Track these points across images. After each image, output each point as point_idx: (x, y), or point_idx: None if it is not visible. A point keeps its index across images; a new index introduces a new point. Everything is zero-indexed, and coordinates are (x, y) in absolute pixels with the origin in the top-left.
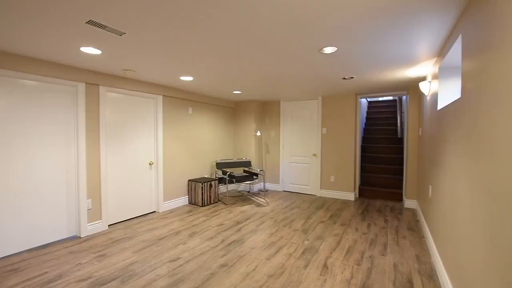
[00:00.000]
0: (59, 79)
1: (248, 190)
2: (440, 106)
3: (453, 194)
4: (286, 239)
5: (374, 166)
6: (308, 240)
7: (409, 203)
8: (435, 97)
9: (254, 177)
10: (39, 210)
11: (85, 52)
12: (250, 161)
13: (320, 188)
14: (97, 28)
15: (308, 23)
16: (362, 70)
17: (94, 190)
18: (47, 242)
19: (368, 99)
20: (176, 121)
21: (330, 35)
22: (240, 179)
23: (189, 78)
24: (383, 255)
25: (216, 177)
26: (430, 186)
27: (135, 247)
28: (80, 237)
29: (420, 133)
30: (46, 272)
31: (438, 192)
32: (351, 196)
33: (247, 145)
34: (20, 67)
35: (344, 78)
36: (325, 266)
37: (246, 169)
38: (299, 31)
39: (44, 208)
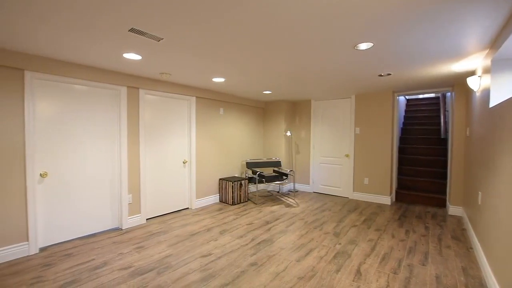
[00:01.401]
0: (105, 84)
1: (277, 190)
2: (493, 103)
3: (510, 201)
4: (316, 241)
5: (413, 169)
6: (340, 244)
7: (453, 210)
8: (486, 93)
9: (284, 177)
10: (88, 203)
11: (127, 58)
12: (280, 161)
13: (353, 191)
14: (138, 35)
15: (342, 18)
16: (400, 66)
17: (134, 186)
18: (94, 232)
19: (407, 97)
20: (208, 121)
21: (366, 30)
22: (269, 179)
23: (221, 80)
24: (423, 264)
25: (246, 176)
26: (480, 192)
27: (170, 241)
28: (122, 229)
29: (467, 133)
30: (93, 259)
31: (491, 199)
32: (386, 200)
33: (277, 145)
34: (71, 74)
35: (381, 75)
36: (358, 272)
37: (276, 169)
38: (332, 28)
39: (92, 201)
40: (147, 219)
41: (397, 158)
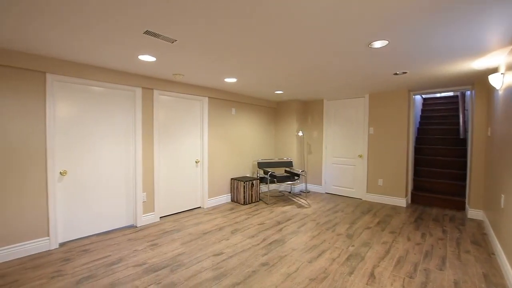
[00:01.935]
0: (120, 85)
1: (289, 190)
2: None
3: None
4: (329, 243)
5: (430, 170)
6: (353, 246)
7: (473, 213)
8: (510, 91)
9: (296, 177)
10: (104, 201)
11: (142, 60)
12: (291, 161)
13: (366, 192)
14: (152, 37)
15: (356, 16)
16: (417, 64)
17: (148, 185)
18: (110, 229)
19: (423, 96)
20: (220, 122)
21: (381, 28)
22: (281, 179)
23: (233, 80)
24: (441, 269)
25: (257, 176)
26: (502, 195)
27: (183, 239)
28: (136, 227)
29: (489, 133)
30: (109, 255)
31: None
32: (402, 202)
33: (289, 145)
34: (89, 76)
35: (396, 74)
36: (372, 275)
37: (287, 169)
38: (345, 26)
39: (108, 199)
40: (160, 217)
41: (413, 158)
